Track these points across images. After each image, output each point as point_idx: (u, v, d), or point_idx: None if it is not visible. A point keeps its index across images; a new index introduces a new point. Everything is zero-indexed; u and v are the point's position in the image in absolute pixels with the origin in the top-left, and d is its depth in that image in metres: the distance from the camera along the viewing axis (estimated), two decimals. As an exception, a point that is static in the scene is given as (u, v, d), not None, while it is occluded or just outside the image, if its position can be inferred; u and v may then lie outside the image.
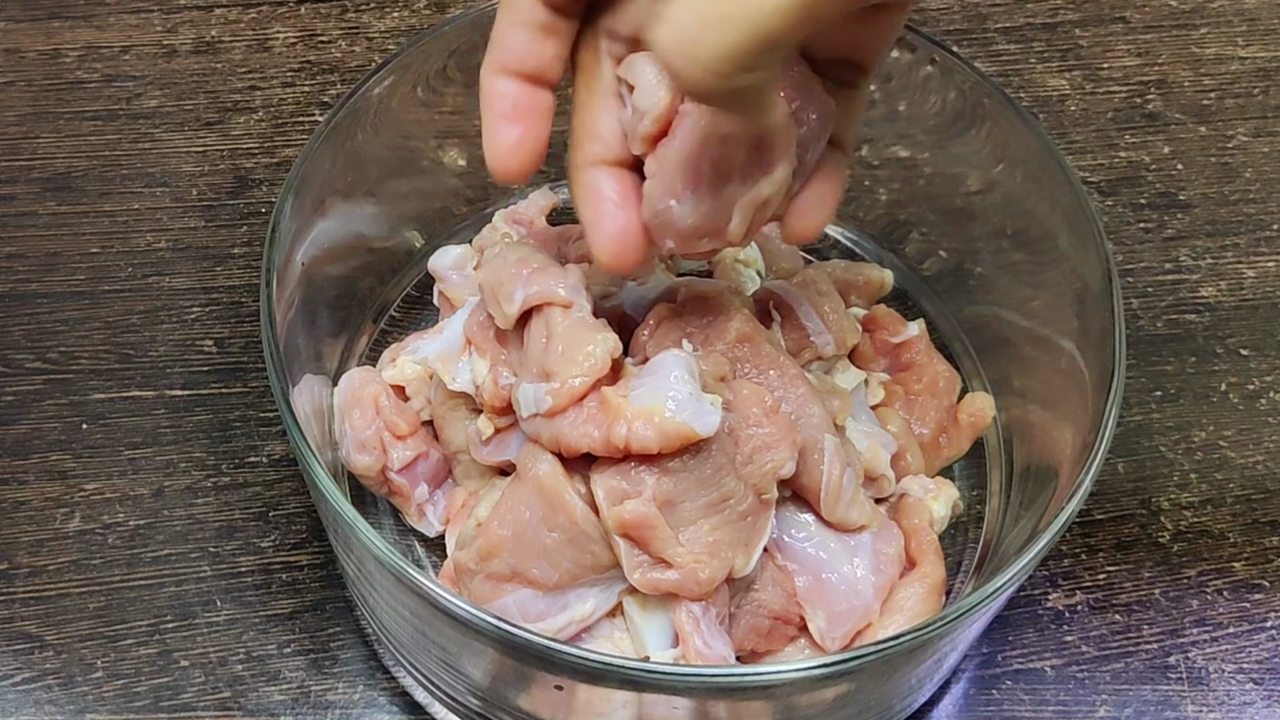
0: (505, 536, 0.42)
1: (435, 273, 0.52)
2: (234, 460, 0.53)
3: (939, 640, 0.38)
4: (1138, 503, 0.53)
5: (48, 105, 0.65)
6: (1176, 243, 0.61)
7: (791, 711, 0.41)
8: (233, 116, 0.65)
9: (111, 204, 0.61)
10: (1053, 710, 0.48)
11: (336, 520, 0.39)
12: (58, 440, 0.53)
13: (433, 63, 0.51)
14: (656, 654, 0.42)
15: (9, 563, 0.50)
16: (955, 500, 0.48)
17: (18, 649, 0.48)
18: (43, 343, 0.56)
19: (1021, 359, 0.52)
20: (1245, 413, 0.56)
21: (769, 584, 0.44)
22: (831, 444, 0.43)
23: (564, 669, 0.36)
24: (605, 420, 0.41)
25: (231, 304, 0.58)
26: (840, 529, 0.44)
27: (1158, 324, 0.58)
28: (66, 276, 0.58)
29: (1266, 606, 0.51)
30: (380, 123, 0.50)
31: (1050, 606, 0.50)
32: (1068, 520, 0.38)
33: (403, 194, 0.56)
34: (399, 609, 0.41)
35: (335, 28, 0.69)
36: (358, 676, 0.48)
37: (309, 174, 0.46)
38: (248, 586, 0.50)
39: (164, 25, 0.69)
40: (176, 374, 0.56)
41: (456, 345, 0.47)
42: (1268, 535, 0.52)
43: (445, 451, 0.49)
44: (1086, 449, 0.40)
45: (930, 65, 0.51)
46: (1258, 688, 0.49)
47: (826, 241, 0.59)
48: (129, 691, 0.47)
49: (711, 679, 0.36)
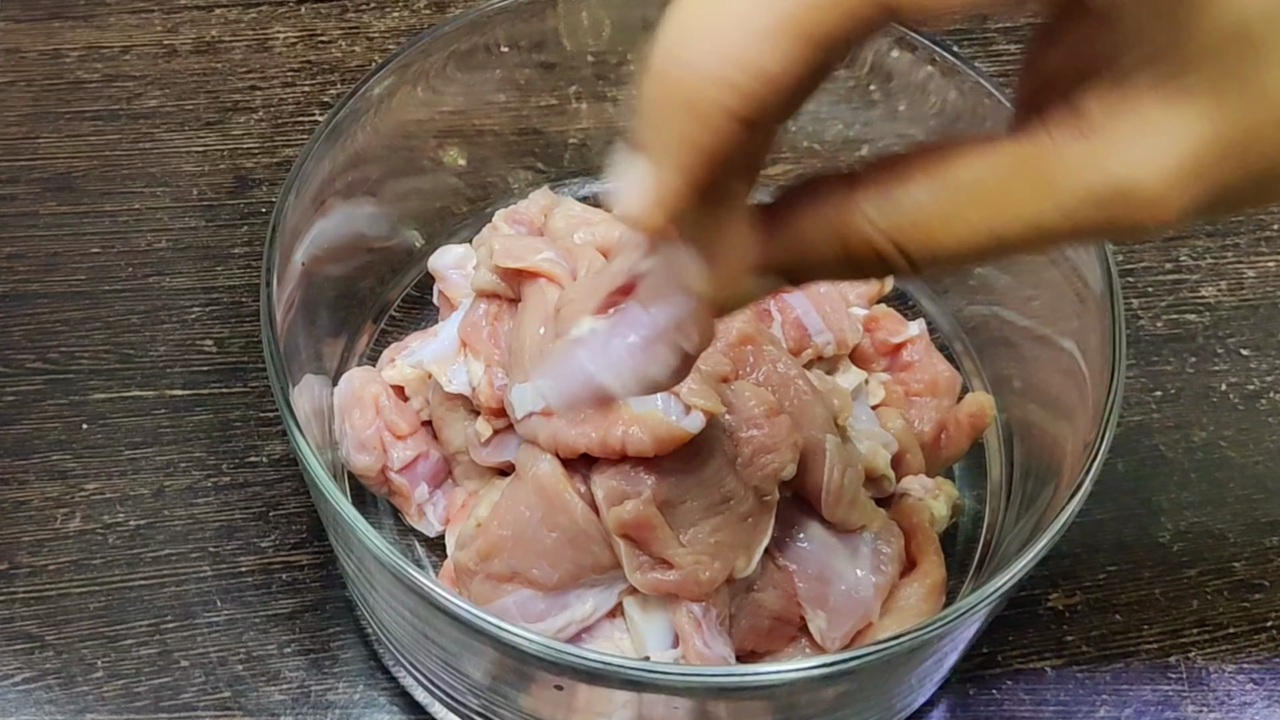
0: (505, 536, 0.42)
1: (435, 272, 0.52)
2: (234, 460, 0.53)
3: (939, 640, 0.38)
4: (1138, 502, 0.53)
5: (48, 105, 0.65)
6: (1176, 243, 0.61)
7: (791, 711, 0.41)
8: (233, 116, 0.65)
9: (111, 204, 0.61)
10: (1053, 710, 0.48)
11: (336, 520, 0.39)
12: (58, 440, 0.53)
13: (433, 63, 0.51)
14: (656, 654, 0.42)
15: (9, 563, 0.50)
16: (955, 500, 0.48)
17: (18, 649, 0.48)
18: (43, 343, 0.56)
19: (1021, 359, 0.52)
20: (1245, 413, 0.56)
21: (769, 584, 0.44)
22: (832, 444, 0.43)
23: (564, 669, 0.36)
24: (603, 421, 0.41)
25: (231, 304, 0.58)
26: (841, 529, 0.44)
27: (1158, 324, 0.58)
28: (66, 276, 0.58)
29: (1266, 606, 0.51)
30: (380, 123, 0.50)
31: (1050, 606, 0.50)
32: (1068, 520, 0.38)
33: (403, 194, 0.56)
34: (399, 609, 0.41)
35: (335, 28, 0.69)
36: (358, 676, 0.48)
37: (309, 174, 0.46)
38: (248, 586, 0.50)
39: (164, 25, 0.69)
40: (176, 374, 0.56)
41: (452, 347, 0.47)
42: (1268, 535, 0.52)
43: (445, 452, 0.49)
44: (1086, 449, 0.40)
45: (930, 65, 0.51)
46: (1258, 688, 0.49)
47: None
48: (129, 691, 0.47)
49: (711, 679, 0.36)
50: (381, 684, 0.48)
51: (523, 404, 0.43)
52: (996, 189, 0.27)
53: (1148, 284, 0.60)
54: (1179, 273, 0.60)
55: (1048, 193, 0.27)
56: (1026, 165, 0.27)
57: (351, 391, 0.48)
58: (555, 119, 0.59)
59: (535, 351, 0.44)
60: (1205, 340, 0.58)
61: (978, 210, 0.27)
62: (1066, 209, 0.27)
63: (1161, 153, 0.26)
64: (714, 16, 0.25)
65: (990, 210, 0.27)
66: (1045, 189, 0.27)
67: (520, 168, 0.60)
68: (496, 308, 0.47)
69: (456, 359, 0.47)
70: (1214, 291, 0.60)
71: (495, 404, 0.45)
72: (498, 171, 0.59)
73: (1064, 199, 0.27)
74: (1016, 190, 0.27)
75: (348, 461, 0.48)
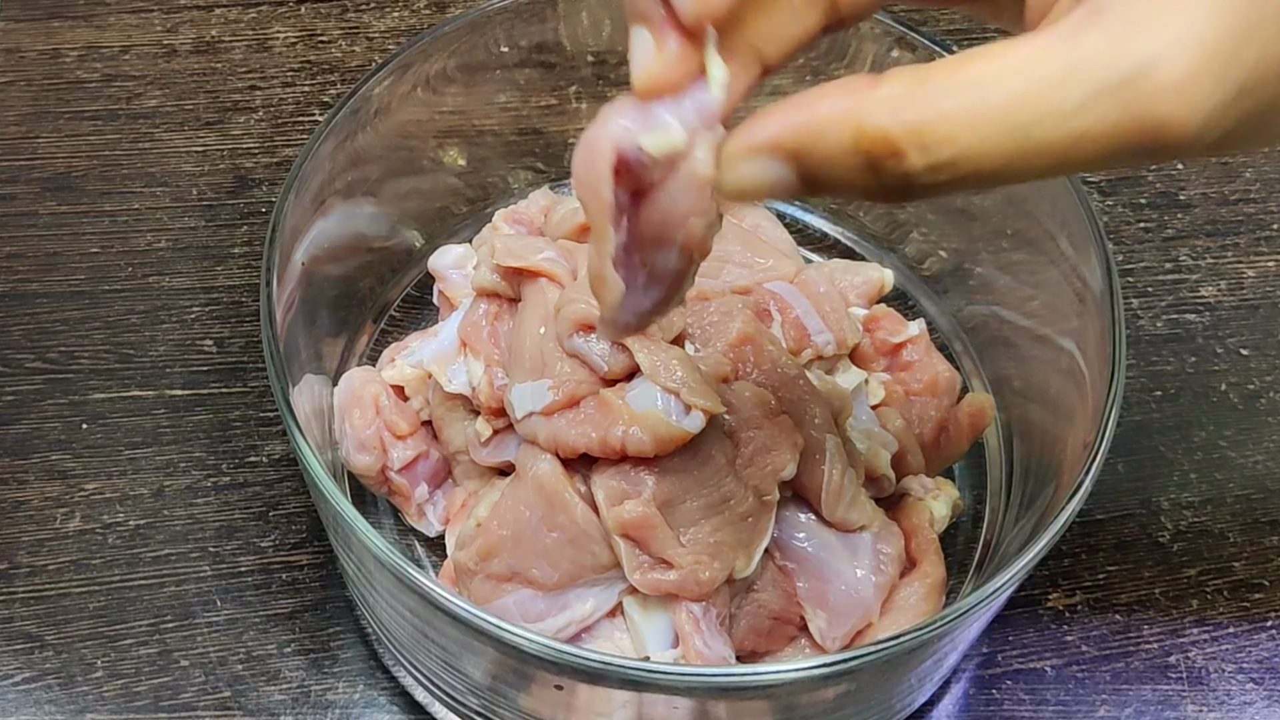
0: (505, 536, 0.42)
1: (435, 272, 0.52)
2: (234, 460, 0.53)
3: (939, 640, 0.38)
4: (1138, 502, 0.53)
5: (48, 105, 0.65)
6: (1176, 242, 0.61)
7: (791, 711, 0.41)
8: (233, 116, 0.65)
9: (111, 204, 0.61)
10: (1053, 710, 0.48)
11: (336, 520, 0.39)
12: (58, 440, 0.53)
13: (433, 63, 0.51)
14: (656, 654, 0.42)
15: (9, 563, 0.50)
16: (955, 500, 0.48)
17: (18, 649, 0.48)
18: (43, 343, 0.56)
19: (1021, 359, 0.52)
20: (1245, 412, 0.56)
21: (769, 584, 0.44)
22: (832, 444, 0.43)
23: (564, 669, 0.36)
24: (603, 421, 0.41)
25: (231, 304, 0.58)
26: (841, 529, 0.44)
27: (1158, 324, 0.58)
28: (66, 276, 0.58)
29: (1266, 606, 0.51)
30: (380, 123, 0.50)
31: (1050, 606, 0.50)
32: (1068, 520, 0.38)
33: (403, 194, 0.56)
34: (399, 609, 0.41)
35: (335, 28, 0.69)
36: (358, 676, 0.48)
37: (309, 174, 0.46)
38: (248, 586, 0.50)
39: (164, 25, 0.69)
40: (176, 374, 0.56)
41: (452, 347, 0.47)
42: (1268, 535, 0.52)
43: (445, 452, 0.49)
44: (1086, 449, 0.40)
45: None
46: (1258, 688, 0.49)
47: (826, 241, 0.59)
48: (129, 691, 0.47)
49: (711, 679, 0.36)
50: (381, 684, 0.48)
51: (522, 404, 0.43)
52: (1018, 84, 0.26)
53: (1148, 284, 0.60)
54: (1179, 273, 0.60)
55: (1070, 85, 0.26)
56: (1047, 58, 0.26)
57: (351, 391, 0.48)
58: (555, 119, 0.59)
59: (535, 351, 0.44)
60: (1205, 340, 0.58)
61: (1000, 105, 0.26)
62: (1089, 103, 0.26)
63: (1178, 31, 0.25)
64: None
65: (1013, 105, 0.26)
66: (1067, 81, 0.26)
67: (520, 168, 0.60)
68: (497, 307, 0.47)
69: (456, 359, 0.47)
70: (1214, 291, 0.60)
71: (495, 404, 0.45)
72: (498, 171, 0.59)
73: (1086, 91, 0.26)
74: (1038, 84, 0.26)
75: (348, 461, 0.48)
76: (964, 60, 0.27)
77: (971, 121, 0.26)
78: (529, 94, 0.58)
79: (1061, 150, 0.26)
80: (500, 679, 0.42)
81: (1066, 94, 0.26)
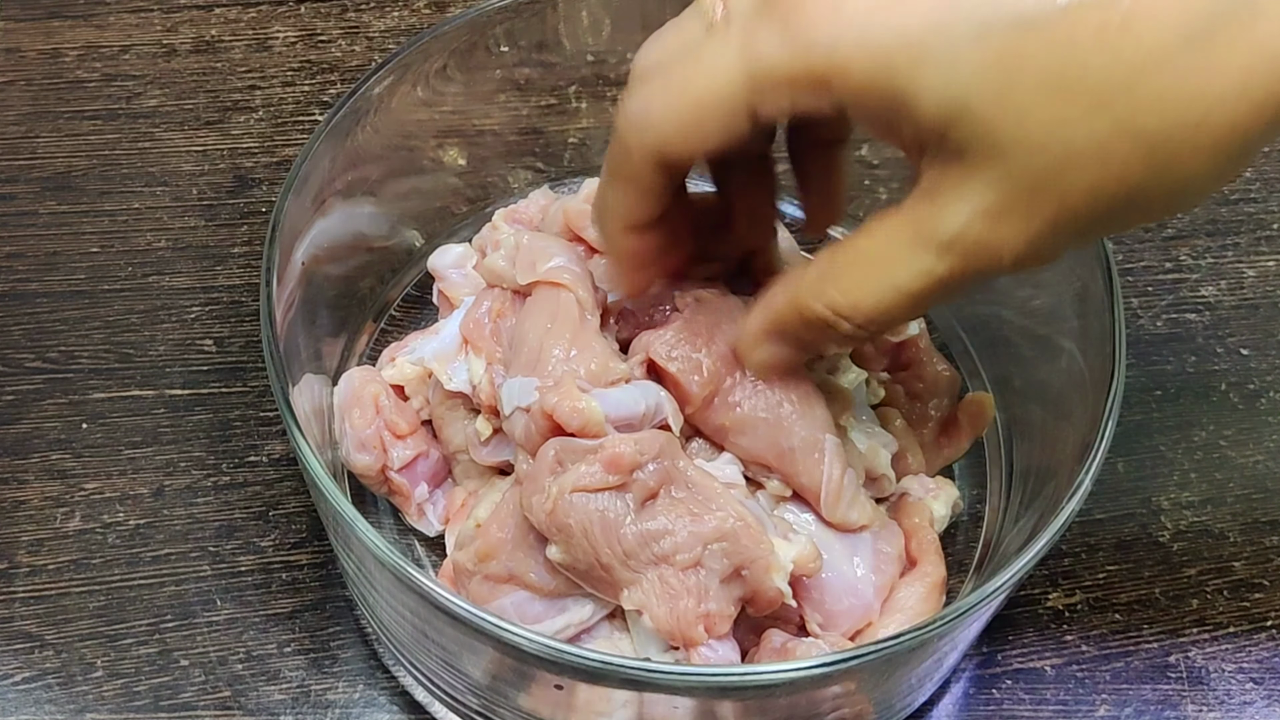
0: (503, 539, 0.42)
1: (435, 271, 0.52)
2: (234, 460, 0.53)
3: (939, 640, 0.38)
4: (1138, 502, 0.53)
5: (48, 105, 0.65)
6: (1176, 242, 0.61)
7: (792, 711, 0.41)
8: (233, 116, 0.65)
9: (111, 204, 0.61)
10: (1053, 710, 0.48)
11: (336, 520, 0.39)
12: (58, 440, 0.53)
13: (433, 63, 0.51)
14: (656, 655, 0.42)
15: (9, 562, 0.50)
16: (955, 500, 0.48)
17: (18, 649, 0.48)
18: (43, 342, 0.56)
19: (1021, 359, 0.52)
20: (1245, 412, 0.56)
21: (769, 584, 0.44)
22: (832, 444, 0.43)
23: (564, 669, 0.36)
24: None
25: (231, 304, 0.58)
26: (841, 529, 0.44)
27: (1158, 323, 0.58)
28: (66, 276, 0.59)
29: (1266, 606, 0.51)
30: (380, 123, 0.50)
31: (1050, 606, 0.50)
32: (1068, 520, 0.38)
33: (403, 193, 0.56)
34: (399, 608, 0.41)
35: (335, 27, 0.69)
36: (358, 676, 0.48)
37: (309, 174, 0.46)
38: (248, 586, 0.50)
39: (164, 25, 0.69)
40: (176, 373, 0.56)
41: (453, 345, 0.47)
42: (1268, 535, 0.52)
43: (445, 451, 0.49)
44: (1086, 449, 0.40)
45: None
46: (1258, 687, 0.49)
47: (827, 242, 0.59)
48: (129, 691, 0.47)
49: (711, 679, 0.36)
50: (381, 684, 0.48)
51: (510, 398, 0.42)
52: (888, 251, 0.33)
53: (1148, 284, 0.60)
54: (1179, 272, 0.60)
55: (922, 247, 0.32)
56: (904, 227, 0.33)
57: (351, 391, 0.48)
58: (555, 119, 0.59)
59: (539, 346, 0.44)
60: (1205, 340, 0.58)
61: (878, 271, 0.34)
62: (938, 258, 0.32)
63: (969, 209, 0.31)
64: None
65: (887, 269, 0.33)
66: (919, 244, 0.33)
67: (520, 167, 0.60)
68: (500, 305, 0.47)
69: (457, 356, 0.47)
70: (1214, 291, 0.60)
71: (495, 402, 0.45)
72: (498, 171, 0.59)
73: (933, 251, 0.32)
74: (899, 249, 0.33)
75: (348, 461, 0.48)
76: (856, 235, 0.35)
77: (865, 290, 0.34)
78: (529, 94, 0.58)
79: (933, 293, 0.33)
80: (500, 679, 0.42)
81: (924, 258, 0.33)
